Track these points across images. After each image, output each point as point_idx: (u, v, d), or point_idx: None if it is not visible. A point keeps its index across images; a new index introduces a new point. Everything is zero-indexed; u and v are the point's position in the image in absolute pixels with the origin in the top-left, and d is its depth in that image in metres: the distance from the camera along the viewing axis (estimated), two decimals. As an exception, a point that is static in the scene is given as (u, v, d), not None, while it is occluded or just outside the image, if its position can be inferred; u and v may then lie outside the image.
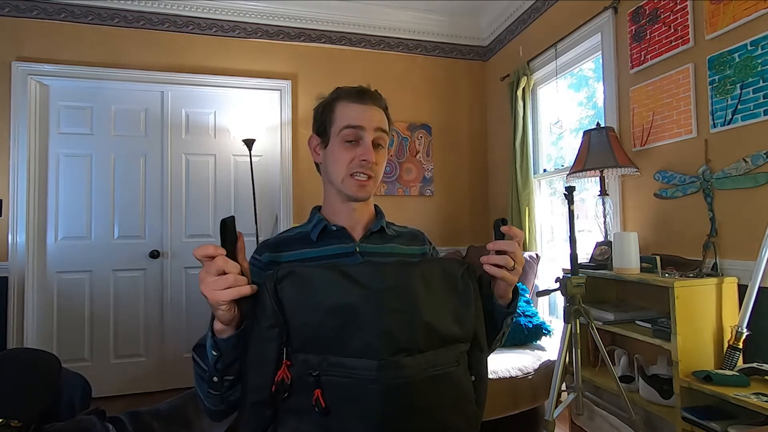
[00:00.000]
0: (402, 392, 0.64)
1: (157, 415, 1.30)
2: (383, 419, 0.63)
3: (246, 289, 0.64)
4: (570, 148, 2.71)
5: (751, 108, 1.54)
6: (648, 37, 1.96)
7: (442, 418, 0.69)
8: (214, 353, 0.67)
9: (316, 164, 0.96)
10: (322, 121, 0.90)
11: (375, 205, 0.96)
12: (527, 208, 2.72)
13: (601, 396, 1.98)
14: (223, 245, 0.65)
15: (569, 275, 1.63)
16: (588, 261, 2.06)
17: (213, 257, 0.63)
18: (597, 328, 1.66)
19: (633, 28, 2.04)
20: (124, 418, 1.23)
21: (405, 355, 0.65)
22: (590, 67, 2.57)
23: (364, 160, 0.83)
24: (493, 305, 0.82)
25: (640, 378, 1.70)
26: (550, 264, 2.77)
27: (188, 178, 2.93)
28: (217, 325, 0.66)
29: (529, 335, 2.27)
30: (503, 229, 0.80)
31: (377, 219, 0.93)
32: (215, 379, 0.68)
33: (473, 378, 0.75)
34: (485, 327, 0.78)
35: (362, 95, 0.86)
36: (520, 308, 2.33)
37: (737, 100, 1.59)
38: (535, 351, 2.22)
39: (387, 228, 0.93)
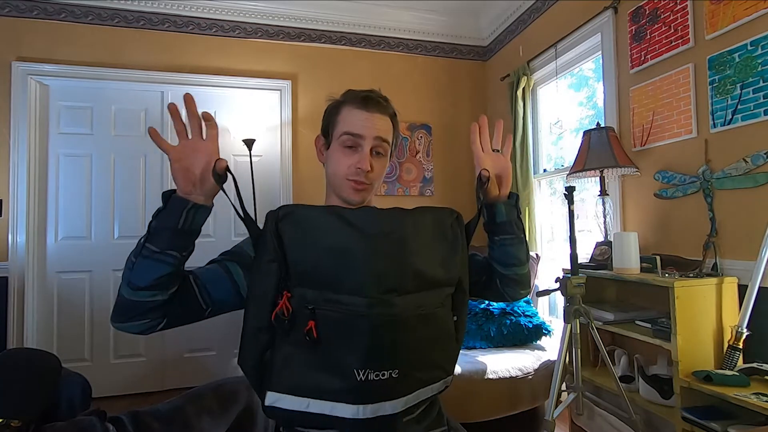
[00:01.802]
0: (390, 327, 0.69)
1: (157, 416, 1.30)
2: (371, 351, 0.68)
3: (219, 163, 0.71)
4: (570, 148, 2.71)
5: (751, 108, 1.54)
6: (648, 37, 1.96)
7: (425, 352, 0.74)
8: (161, 206, 0.72)
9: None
10: (327, 122, 0.92)
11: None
12: (527, 208, 2.72)
13: (601, 396, 1.98)
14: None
15: (569, 275, 1.63)
16: (588, 261, 2.06)
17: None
18: (597, 328, 1.66)
19: (633, 28, 2.04)
20: (124, 418, 1.23)
21: (395, 294, 0.69)
22: (590, 67, 2.57)
23: (359, 168, 0.85)
24: (496, 207, 0.88)
25: (640, 378, 1.70)
26: (550, 264, 2.77)
27: (188, 178, 2.92)
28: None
29: (529, 335, 2.27)
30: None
31: None
32: (141, 240, 0.71)
33: (455, 318, 0.81)
34: (503, 246, 0.89)
35: (367, 102, 0.87)
36: (519, 308, 2.33)
37: (737, 100, 1.59)
38: (535, 351, 2.22)
39: None
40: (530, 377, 2.07)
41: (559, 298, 2.70)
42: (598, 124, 2.03)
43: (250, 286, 0.73)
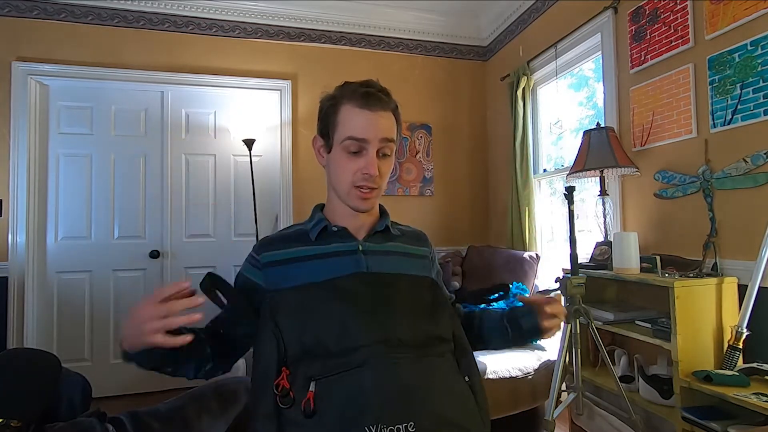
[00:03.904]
0: (392, 374, 0.69)
1: (157, 416, 1.30)
2: (378, 402, 0.66)
3: (176, 340, 0.64)
4: (570, 148, 2.71)
5: (751, 108, 1.54)
6: (648, 37, 1.96)
7: (439, 406, 0.71)
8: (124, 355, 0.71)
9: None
10: (325, 122, 0.85)
11: (380, 205, 0.94)
12: (527, 208, 2.72)
13: (601, 396, 1.98)
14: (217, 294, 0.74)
15: (569, 275, 1.63)
16: (588, 261, 2.06)
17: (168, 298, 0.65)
18: (597, 328, 1.66)
19: (633, 28, 2.04)
20: (124, 419, 1.23)
21: (391, 345, 0.72)
22: (590, 67, 2.57)
23: (366, 174, 0.80)
24: (517, 324, 0.93)
25: (640, 378, 1.70)
26: (550, 264, 2.77)
27: (188, 178, 2.92)
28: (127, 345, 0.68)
29: (529, 335, 2.27)
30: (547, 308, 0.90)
31: (381, 219, 0.92)
32: (125, 351, 0.70)
33: (466, 378, 0.79)
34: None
35: (368, 100, 0.80)
36: (520, 308, 2.33)
37: (737, 100, 1.59)
38: (535, 351, 2.22)
39: (391, 227, 0.92)
40: (530, 377, 2.07)
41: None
42: (598, 124, 2.03)
43: (254, 362, 0.75)
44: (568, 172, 2.10)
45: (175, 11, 2.80)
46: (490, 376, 1.99)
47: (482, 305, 1.05)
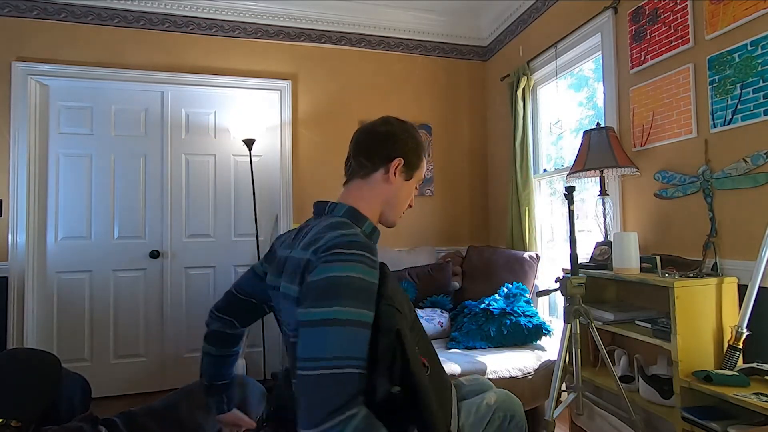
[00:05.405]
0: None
1: (151, 414, 1.30)
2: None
3: None
4: (570, 148, 2.71)
5: (751, 108, 1.54)
6: (648, 37, 1.96)
7: None
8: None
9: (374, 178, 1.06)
10: (414, 158, 1.06)
11: None
12: (527, 208, 2.72)
13: (601, 396, 1.98)
14: None
15: (569, 275, 1.63)
16: (588, 261, 2.06)
17: None
18: (597, 328, 1.66)
19: (633, 28, 2.04)
20: (117, 420, 1.23)
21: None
22: (590, 67, 2.57)
23: (411, 205, 1.12)
24: None
25: (640, 378, 1.70)
26: (550, 264, 2.77)
27: (188, 178, 2.92)
28: None
29: (529, 335, 2.27)
30: None
31: None
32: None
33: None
34: None
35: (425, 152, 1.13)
36: (519, 308, 2.33)
37: (737, 100, 1.59)
38: (535, 351, 2.22)
39: None
40: (530, 377, 2.07)
41: (559, 298, 2.70)
42: (598, 124, 2.03)
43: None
44: (568, 172, 2.10)
45: (175, 11, 2.80)
46: (490, 376, 1.99)
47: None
